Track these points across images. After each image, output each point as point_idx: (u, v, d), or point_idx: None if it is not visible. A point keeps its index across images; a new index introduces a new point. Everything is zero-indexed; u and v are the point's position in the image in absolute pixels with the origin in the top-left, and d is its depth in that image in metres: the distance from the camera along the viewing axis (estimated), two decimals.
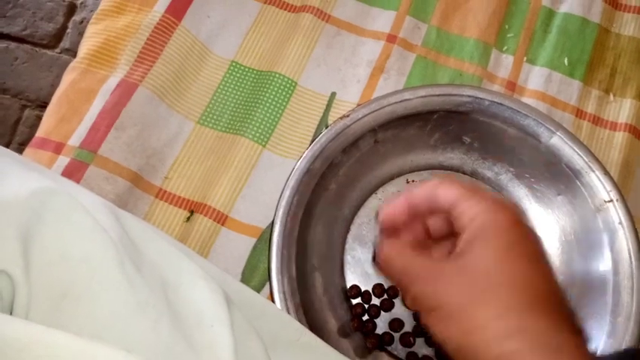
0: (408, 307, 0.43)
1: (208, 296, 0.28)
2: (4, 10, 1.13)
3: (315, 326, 0.39)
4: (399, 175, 0.46)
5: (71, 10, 1.14)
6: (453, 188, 0.27)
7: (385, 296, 0.43)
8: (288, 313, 0.38)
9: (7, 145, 1.07)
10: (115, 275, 0.25)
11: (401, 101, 0.42)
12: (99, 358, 0.21)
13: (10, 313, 0.24)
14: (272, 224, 0.39)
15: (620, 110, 0.48)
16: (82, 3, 1.16)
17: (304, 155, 0.41)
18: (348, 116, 0.42)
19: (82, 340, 0.21)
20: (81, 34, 1.05)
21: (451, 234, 0.29)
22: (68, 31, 1.13)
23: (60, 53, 1.11)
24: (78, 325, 0.24)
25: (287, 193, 0.40)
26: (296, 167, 0.41)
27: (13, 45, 1.12)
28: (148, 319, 0.25)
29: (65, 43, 1.11)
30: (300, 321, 0.38)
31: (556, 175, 0.42)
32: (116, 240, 0.26)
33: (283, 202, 0.40)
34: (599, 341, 0.38)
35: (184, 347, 0.26)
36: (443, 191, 0.27)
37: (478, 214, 0.26)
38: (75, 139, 0.42)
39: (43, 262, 0.25)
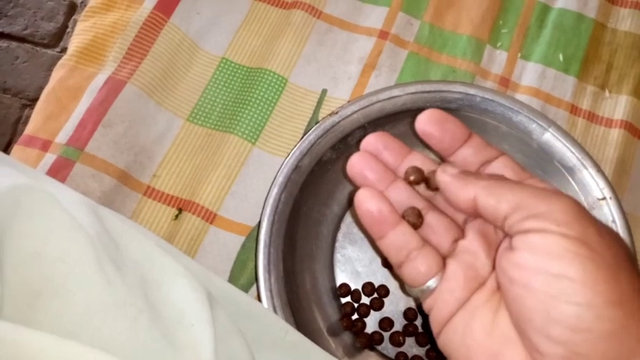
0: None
1: (190, 295, 0.28)
2: (5, 10, 1.13)
3: (303, 325, 0.39)
4: None
5: (71, 9, 1.15)
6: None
7: (375, 295, 0.43)
8: (275, 311, 0.38)
9: (8, 144, 1.07)
10: (91, 273, 0.25)
11: (390, 98, 0.42)
12: (70, 357, 0.21)
13: None
14: (259, 222, 0.39)
15: (616, 106, 0.47)
16: (82, 2, 1.16)
17: (292, 152, 0.40)
18: (337, 113, 0.41)
19: (52, 338, 0.21)
20: None
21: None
22: (68, 30, 1.13)
23: (60, 52, 1.12)
24: (53, 323, 0.24)
25: (274, 190, 0.40)
26: (284, 164, 0.40)
27: (14, 44, 1.12)
28: (126, 318, 0.25)
29: (66, 42, 1.11)
30: (287, 320, 0.38)
31: (549, 173, 0.41)
32: (94, 238, 0.26)
33: (270, 200, 0.39)
34: None
35: (164, 346, 0.25)
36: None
37: None
38: (62, 137, 0.42)
39: (17, 260, 0.24)
